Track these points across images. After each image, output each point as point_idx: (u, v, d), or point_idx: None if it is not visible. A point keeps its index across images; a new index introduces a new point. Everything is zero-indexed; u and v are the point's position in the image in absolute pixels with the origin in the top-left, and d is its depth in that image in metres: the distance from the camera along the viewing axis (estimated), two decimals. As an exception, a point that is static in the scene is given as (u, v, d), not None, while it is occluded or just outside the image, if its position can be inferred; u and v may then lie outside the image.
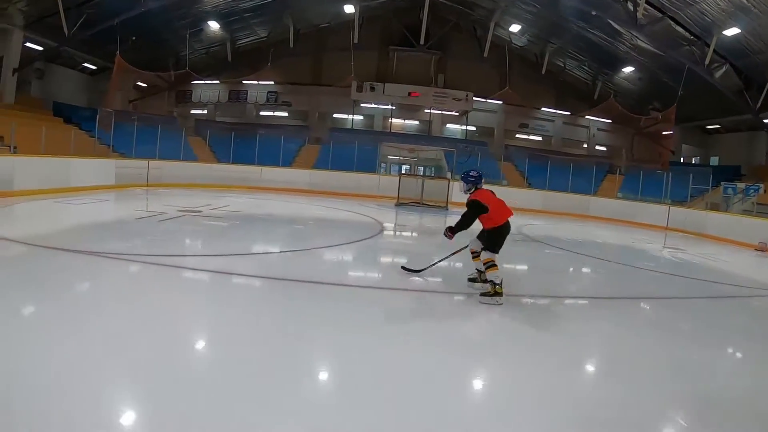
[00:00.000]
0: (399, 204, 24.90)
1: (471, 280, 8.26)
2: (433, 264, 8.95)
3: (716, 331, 7.82)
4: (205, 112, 39.14)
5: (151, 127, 27.03)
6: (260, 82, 37.13)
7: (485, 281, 7.59)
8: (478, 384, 5.11)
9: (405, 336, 6.01)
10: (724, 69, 28.45)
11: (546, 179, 31.23)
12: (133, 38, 28.15)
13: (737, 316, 9.12)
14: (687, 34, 27.67)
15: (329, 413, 4.00)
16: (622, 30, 30.28)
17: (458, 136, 41.19)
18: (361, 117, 40.42)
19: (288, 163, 30.71)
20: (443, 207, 24.70)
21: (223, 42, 36.22)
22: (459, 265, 9.75)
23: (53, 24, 26.74)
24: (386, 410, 4.12)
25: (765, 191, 26.56)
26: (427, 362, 5.22)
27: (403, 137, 37.77)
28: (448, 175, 29.48)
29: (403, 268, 9.08)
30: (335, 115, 40.57)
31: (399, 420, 3.97)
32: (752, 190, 26.98)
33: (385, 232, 15.36)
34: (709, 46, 27.11)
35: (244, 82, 37.24)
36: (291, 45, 35.77)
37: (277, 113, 39.88)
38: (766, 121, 30.42)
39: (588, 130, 42.80)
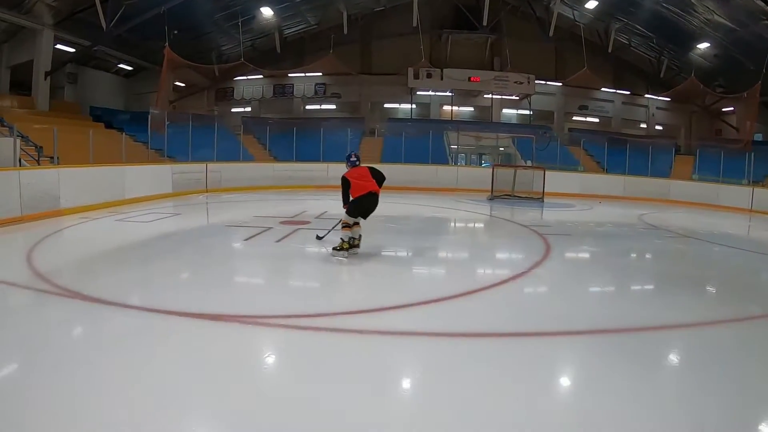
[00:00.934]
0: (492, 198, 21.75)
1: (353, 247, 8.68)
2: (329, 231, 9.83)
3: None
4: (249, 109, 35.15)
5: (201, 128, 23.26)
6: (307, 75, 33.22)
7: (352, 245, 8.59)
8: None
9: None
10: None
11: (624, 164, 28.02)
12: (175, 32, 24.17)
13: None
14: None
15: None
16: (697, 4, 27.27)
17: (514, 121, 37.45)
18: (412, 106, 35.97)
19: (352, 159, 26.68)
20: (538, 198, 21.56)
21: (269, 33, 32.04)
22: None
23: (85, 20, 23.10)
24: None
25: None
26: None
27: (465, 125, 33.72)
28: (528, 162, 26.26)
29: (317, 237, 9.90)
30: (386, 105, 36.46)
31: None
32: None
33: (559, 246, 10.87)
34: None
35: (290, 75, 33.37)
36: (345, 32, 31.29)
37: (324, 106, 35.80)
38: None
39: (647, 110, 39.23)
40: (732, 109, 36.10)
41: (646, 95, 37.86)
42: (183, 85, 32.58)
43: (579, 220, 16.74)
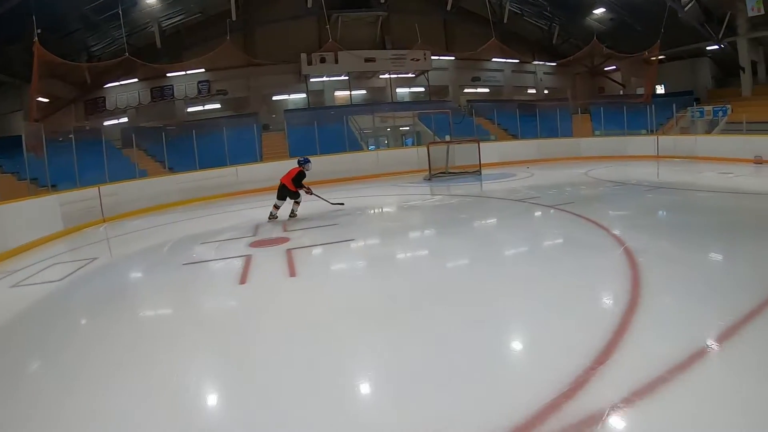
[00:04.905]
0: (430, 177, 20.33)
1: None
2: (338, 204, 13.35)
3: None
4: (125, 120, 30.32)
5: (82, 145, 18.77)
6: (188, 73, 29.10)
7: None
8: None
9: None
10: (691, 3, 27.90)
11: (527, 128, 29.03)
12: (39, 31, 19.20)
13: None
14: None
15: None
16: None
17: (407, 99, 35.77)
18: (307, 95, 32.67)
19: (260, 157, 23.64)
20: (475, 171, 21.00)
21: (146, 26, 27.39)
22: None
23: None
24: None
25: (732, 111, 26.62)
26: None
27: (364, 108, 31.23)
28: (447, 137, 24.93)
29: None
30: (275, 98, 33.00)
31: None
32: (720, 112, 26.98)
33: (603, 219, 9.59)
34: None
35: (168, 75, 29.08)
36: (234, 17, 27.40)
37: (208, 106, 31.88)
38: (708, 48, 31.55)
39: (535, 76, 40.11)
40: (615, 67, 38.07)
41: (534, 62, 38.25)
42: (46, 100, 27.32)
43: (545, 184, 16.80)
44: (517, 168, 23.14)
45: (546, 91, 40.52)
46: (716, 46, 30.54)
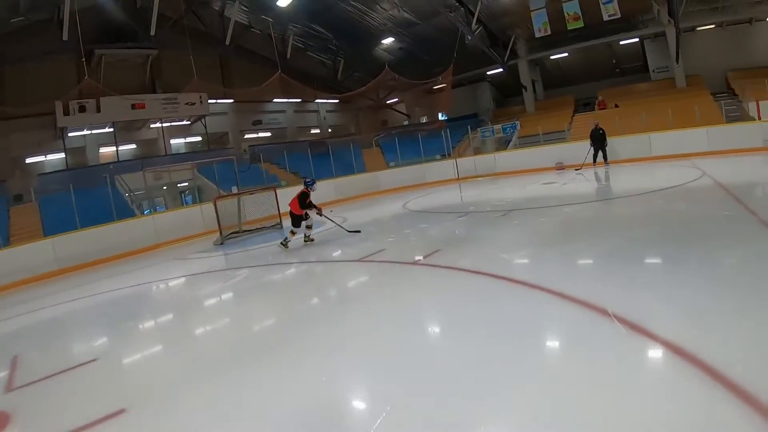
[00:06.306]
0: (222, 241, 16.68)
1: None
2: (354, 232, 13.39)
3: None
4: None
5: None
6: None
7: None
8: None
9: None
10: (478, 29, 29.39)
11: (315, 169, 26.87)
12: None
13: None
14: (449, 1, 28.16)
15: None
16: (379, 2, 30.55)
17: (183, 151, 32.55)
18: (65, 154, 27.19)
19: (7, 240, 18.54)
20: (276, 225, 18.03)
21: None
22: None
23: None
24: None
25: (522, 126, 29.03)
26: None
27: (133, 164, 26.19)
28: (234, 189, 22.04)
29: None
30: (29, 160, 26.80)
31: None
32: (510, 129, 28.99)
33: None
34: (471, 12, 28.17)
35: None
36: None
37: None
38: (488, 73, 34.94)
39: (318, 114, 39.87)
40: (397, 99, 40.11)
41: (317, 100, 37.54)
42: None
43: (373, 229, 14.27)
44: (324, 211, 21.52)
45: (330, 129, 40.27)
46: (497, 70, 33.31)
